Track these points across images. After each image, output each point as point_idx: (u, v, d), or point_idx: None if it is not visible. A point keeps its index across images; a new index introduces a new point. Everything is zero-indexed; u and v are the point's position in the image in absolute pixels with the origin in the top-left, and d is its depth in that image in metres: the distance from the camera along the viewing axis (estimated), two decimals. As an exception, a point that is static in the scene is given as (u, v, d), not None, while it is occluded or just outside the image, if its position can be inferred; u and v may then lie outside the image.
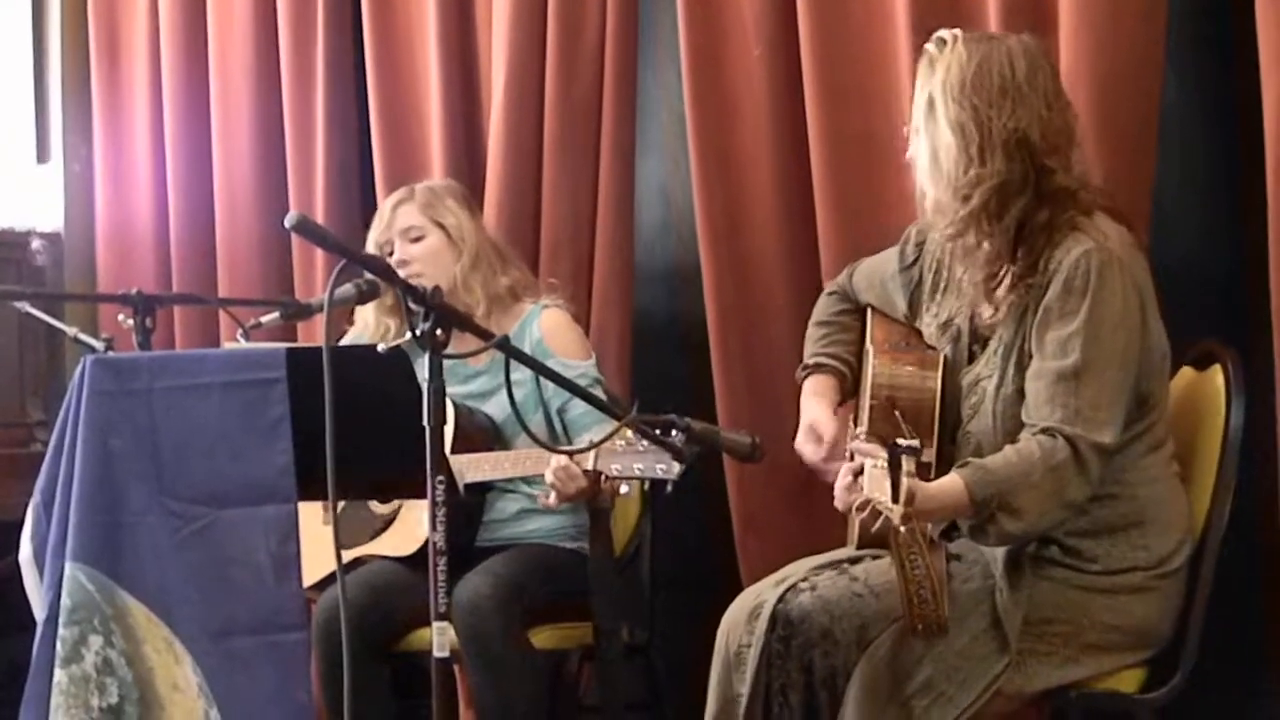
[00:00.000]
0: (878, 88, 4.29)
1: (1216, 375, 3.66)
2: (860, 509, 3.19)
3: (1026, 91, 3.41)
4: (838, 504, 3.41)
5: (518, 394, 4.30)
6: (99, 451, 3.44)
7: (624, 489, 3.80)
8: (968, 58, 3.43)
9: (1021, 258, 3.44)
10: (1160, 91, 3.96)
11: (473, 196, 4.74)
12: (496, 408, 4.43)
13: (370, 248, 4.58)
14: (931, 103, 3.46)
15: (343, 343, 4.63)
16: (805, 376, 3.79)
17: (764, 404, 4.47)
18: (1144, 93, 3.94)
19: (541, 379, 4.24)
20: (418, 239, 4.54)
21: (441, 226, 4.54)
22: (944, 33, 3.51)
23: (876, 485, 3.11)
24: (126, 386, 3.48)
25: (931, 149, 3.47)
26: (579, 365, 4.40)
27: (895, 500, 3.01)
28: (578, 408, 4.35)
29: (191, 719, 3.43)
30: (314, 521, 4.38)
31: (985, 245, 3.48)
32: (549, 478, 4.05)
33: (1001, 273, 3.48)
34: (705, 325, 4.64)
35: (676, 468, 3.52)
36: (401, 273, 4.46)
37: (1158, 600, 3.47)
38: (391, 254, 4.53)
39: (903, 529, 3.05)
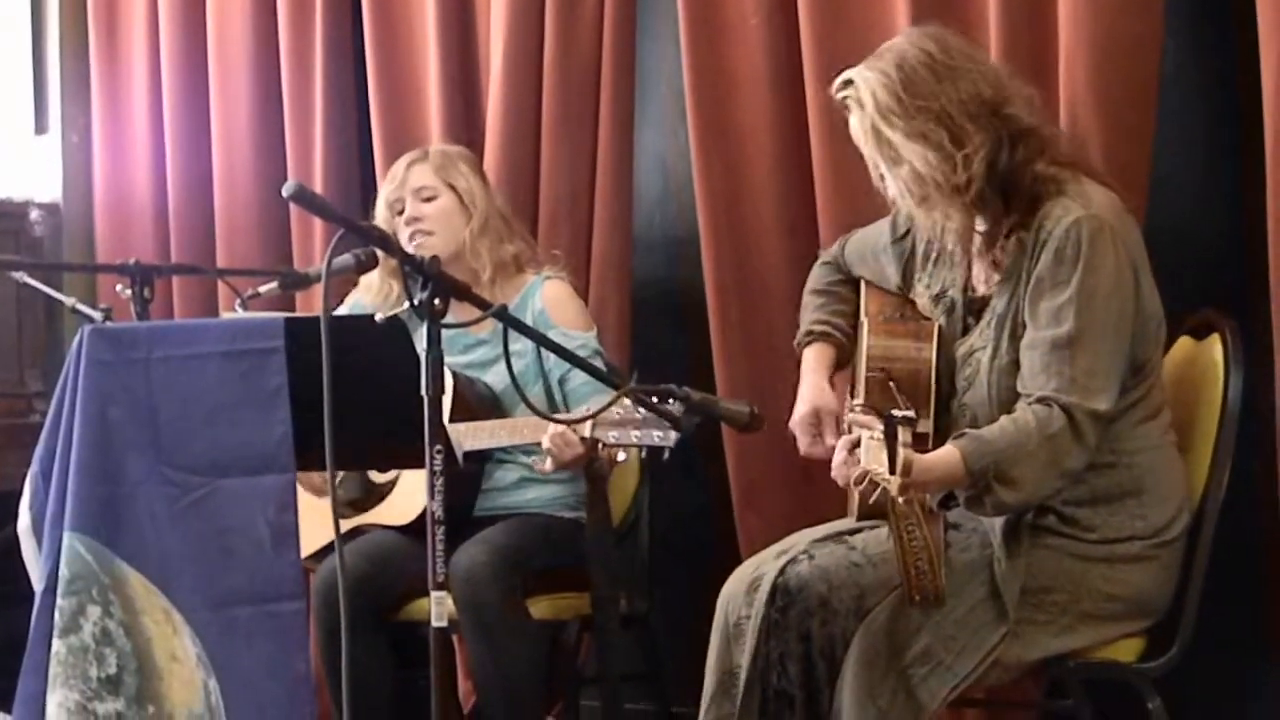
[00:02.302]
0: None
1: (1215, 345, 3.66)
2: (858, 481, 3.19)
3: (953, 63, 3.42)
4: (835, 477, 3.42)
5: (518, 364, 4.32)
6: (97, 421, 3.44)
7: (621, 456, 3.80)
8: (883, 73, 3.42)
9: (1014, 208, 3.43)
10: (1159, 61, 3.95)
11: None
12: (496, 377, 4.43)
13: (381, 205, 4.60)
14: (879, 135, 3.43)
15: (345, 305, 4.65)
16: (805, 344, 3.79)
17: (763, 374, 4.46)
18: (1143, 62, 3.93)
19: (542, 349, 4.24)
20: (430, 198, 4.54)
21: (453, 189, 4.55)
22: (840, 80, 3.49)
23: (873, 457, 3.11)
24: (124, 356, 3.48)
25: (910, 172, 3.44)
26: (580, 336, 4.41)
27: (892, 471, 3.01)
28: (578, 378, 4.35)
29: (190, 689, 3.44)
30: (312, 491, 4.38)
31: (980, 217, 3.48)
32: (546, 443, 4.05)
33: (999, 231, 3.48)
34: (704, 295, 4.64)
35: (673, 435, 3.52)
36: (410, 229, 4.48)
37: (1155, 570, 3.47)
38: (402, 212, 4.53)
39: (900, 500, 3.05)
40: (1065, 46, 3.95)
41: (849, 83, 3.47)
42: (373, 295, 4.57)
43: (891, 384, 3.45)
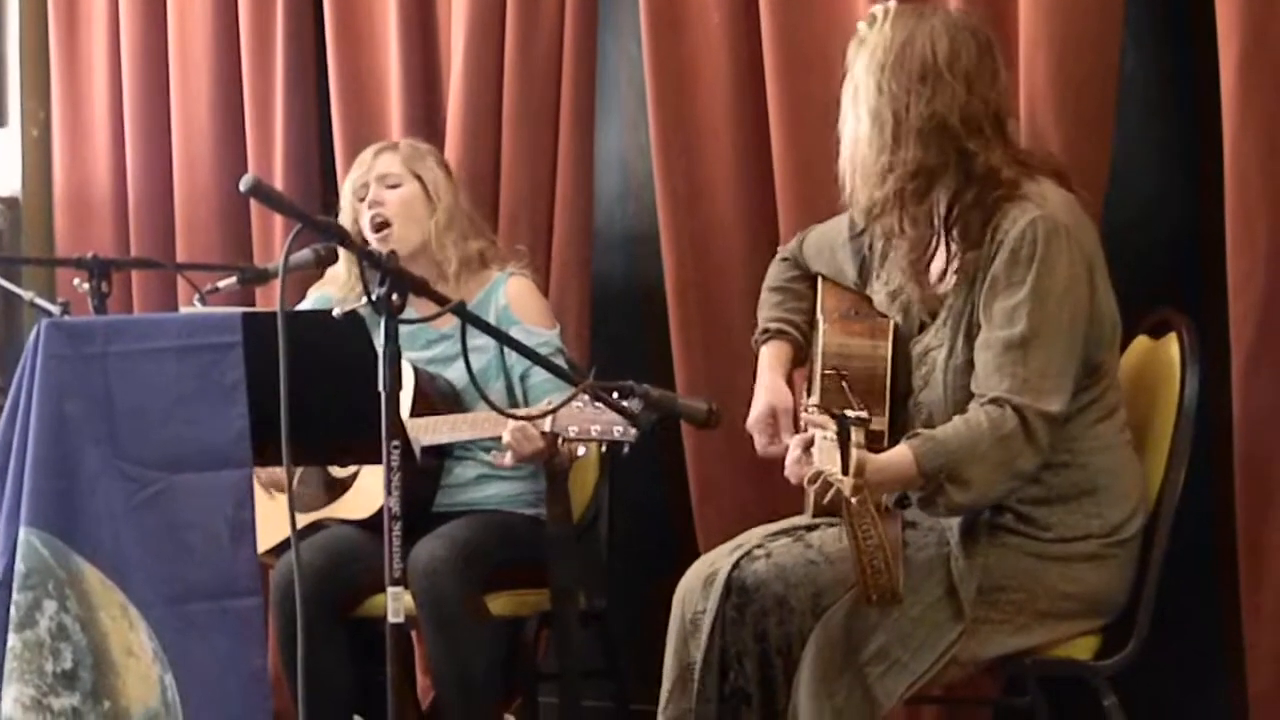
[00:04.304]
0: (837, 55, 4.22)
1: (1171, 344, 3.66)
2: (811, 481, 3.19)
3: (946, 76, 3.39)
4: (789, 475, 3.43)
5: (479, 360, 4.33)
6: (54, 416, 3.43)
7: (581, 450, 3.81)
8: (891, 39, 3.42)
9: (958, 236, 3.45)
10: (1119, 59, 3.97)
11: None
12: (458, 373, 4.42)
13: (346, 192, 4.60)
14: (856, 88, 3.47)
15: (309, 297, 4.66)
16: (762, 342, 3.80)
17: (721, 371, 4.47)
18: (1103, 61, 3.94)
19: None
20: (394, 186, 4.53)
21: (420, 179, 4.54)
22: (877, 8, 3.50)
23: (827, 457, 3.10)
24: (81, 351, 3.47)
25: (852, 134, 3.47)
26: (543, 334, 4.41)
27: (845, 471, 3.02)
28: (539, 375, 4.35)
29: (146, 684, 3.43)
30: (270, 486, 4.37)
31: (909, 230, 3.48)
32: (506, 438, 4.06)
33: (931, 254, 3.50)
34: (664, 292, 4.64)
35: (633, 431, 3.52)
36: (371, 212, 4.48)
37: (1111, 568, 3.48)
38: (365, 198, 4.52)
39: (854, 500, 3.05)
40: (1025, 43, 3.96)
41: (874, 18, 3.47)
42: (338, 287, 4.56)
43: (844, 383, 3.45)
